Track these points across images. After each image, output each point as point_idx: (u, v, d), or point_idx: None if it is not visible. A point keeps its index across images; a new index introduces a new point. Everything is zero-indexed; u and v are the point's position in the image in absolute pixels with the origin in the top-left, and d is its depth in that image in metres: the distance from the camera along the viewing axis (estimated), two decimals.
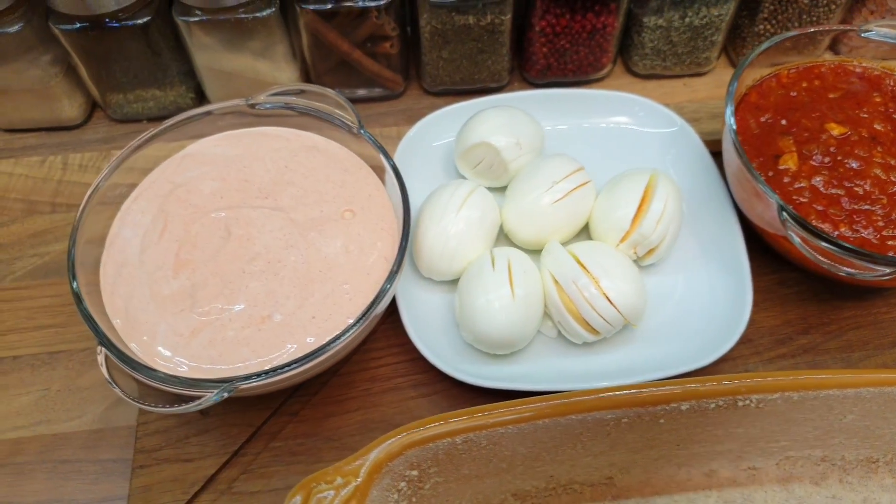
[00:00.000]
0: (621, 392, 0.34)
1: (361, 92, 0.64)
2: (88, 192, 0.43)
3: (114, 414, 0.49)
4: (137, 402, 0.36)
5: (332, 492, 0.30)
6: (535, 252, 0.48)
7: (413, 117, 0.65)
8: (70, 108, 0.63)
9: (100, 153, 0.63)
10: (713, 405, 0.34)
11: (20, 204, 0.60)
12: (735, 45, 0.66)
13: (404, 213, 0.41)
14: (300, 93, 0.47)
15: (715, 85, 0.67)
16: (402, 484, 0.33)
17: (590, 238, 0.50)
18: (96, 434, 0.49)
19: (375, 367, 0.47)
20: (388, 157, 0.44)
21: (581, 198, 0.47)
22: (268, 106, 0.47)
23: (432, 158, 0.55)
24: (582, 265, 0.44)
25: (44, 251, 0.57)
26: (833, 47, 0.64)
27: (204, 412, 0.46)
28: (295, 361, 0.36)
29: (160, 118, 0.65)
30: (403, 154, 0.53)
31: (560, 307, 0.44)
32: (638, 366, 0.45)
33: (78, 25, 0.55)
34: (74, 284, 0.39)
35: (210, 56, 0.59)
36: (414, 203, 0.44)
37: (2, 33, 0.55)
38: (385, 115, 0.65)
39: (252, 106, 0.47)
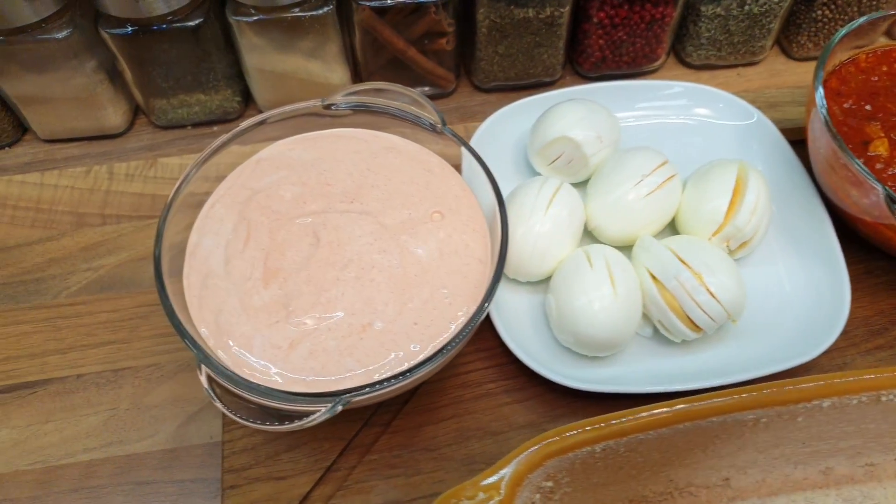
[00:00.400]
0: (768, 390, 0.32)
1: None
2: (169, 202, 0.41)
3: (187, 432, 0.47)
4: (251, 421, 0.34)
5: None
6: (624, 250, 0.47)
7: (466, 115, 0.64)
8: (114, 115, 0.61)
9: (145, 161, 0.61)
10: (855, 401, 0.33)
11: (68, 216, 0.58)
12: (788, 32, 0.65)
13: (501, 216, 0.40)
14: (371, 92, 0.45)
15: (768, 74, 0.66)
16: (537, 496, 0.31)
17: (675, 233, 0.48)
18: (171, 454, 0.47)
19: (465, 372, 0.46)
20: (477, 156, 0.43)
21: (670, 191, 0.46)
22: (344, 106, 0.45)
23: (501, 155, 0.53)
24: (682, 260, 0.42)
25: (98, 265, 0.55)
26: (889, 32, 0.63)
27: None
28: (416, 367, 0.34)
29: (205, 123, 0.63)
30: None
31: (661, 305, 0.42)
32: (736, 364, 0.44)
33: (129, 29, 0.53)
34: (165, 299, 0.37)
35: (261, 57, 0.57)
36: (491, 201, 0.43)
37: (49, 39, 0.52)
38: None
39: (328, 107, 0.45)
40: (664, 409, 0.31)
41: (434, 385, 0.45)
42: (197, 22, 0.54)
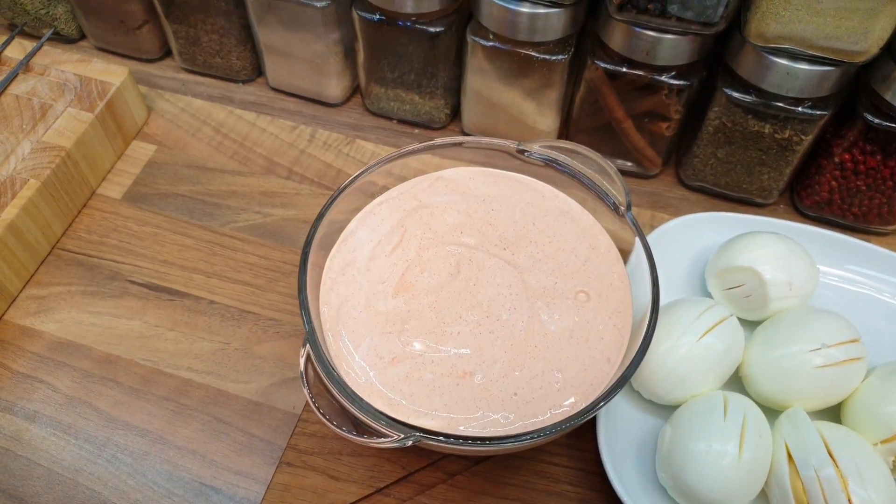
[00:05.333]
0: None
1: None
2: (349, 181, 0.42)
3: (276, 393, 0.49)
4: (326, 417, 0.34)
5: None
6: (768, 410, 0.41)
7: (658, 204, 0.60)
8: (336, 87, 0.65)
9: (346, 137, 0.64)
10: None
11: (262, 160, 0.62)
12: None
13: (649, 324, 0.37)
14: (571, 152, 0.44)
15: None
16: None
17: (838, 421, 0.42)
18: (255, 406, 0.48)
19: (545, 461, 0.43)
20: (648, 252, 0.40)
21: (849, 374, 0.40)
22: (537, 156, 0.44)
23: (679, 260, 0.49)
24: (831, 454, 0.36)
25: (268, 212, 0.59)
26: None
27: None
28: (499, 439, 0.33)
29: (410, 123, 0.65)
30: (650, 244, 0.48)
31: (787, 491, 0.37)
32: None
33: (377, 17, 0.56)
34: (304, 272, 0.38)
35: (482, 82, 0.58)
36: (645, 302, 0.40)
37: (309, 5, 0.57)
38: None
39: (521, 152, 0.44)
40: None
41: (511, 460, 0.43)
42: (437, 30, 0.56)
